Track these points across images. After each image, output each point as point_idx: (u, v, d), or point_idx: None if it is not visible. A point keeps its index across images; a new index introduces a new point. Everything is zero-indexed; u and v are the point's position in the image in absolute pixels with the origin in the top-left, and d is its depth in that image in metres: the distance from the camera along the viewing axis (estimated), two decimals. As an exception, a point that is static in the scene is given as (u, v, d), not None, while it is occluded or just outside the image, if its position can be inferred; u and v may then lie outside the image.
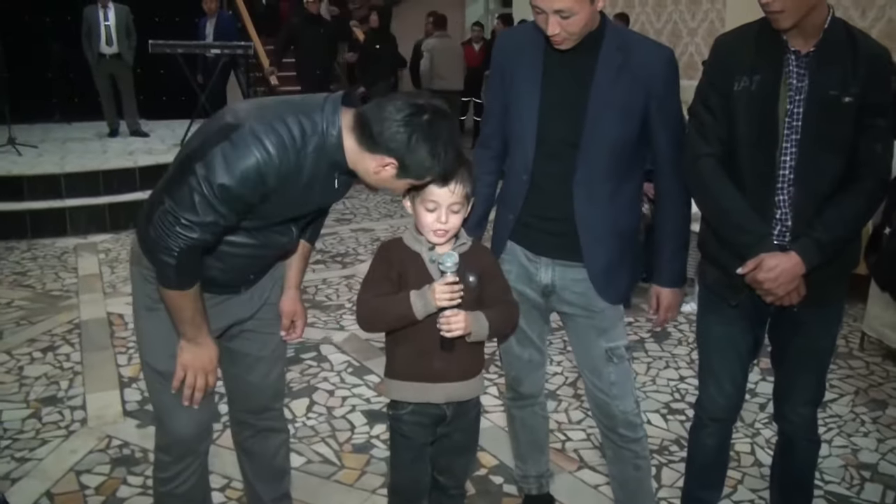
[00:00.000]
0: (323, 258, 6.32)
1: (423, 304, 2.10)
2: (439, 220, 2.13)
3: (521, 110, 2.38)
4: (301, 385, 4.03)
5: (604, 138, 2.29)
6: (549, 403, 3.75)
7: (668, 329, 4.78)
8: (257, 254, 2.18)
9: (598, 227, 2.35)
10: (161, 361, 2.21)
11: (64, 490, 3.10)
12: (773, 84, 2.16)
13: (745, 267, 2.17)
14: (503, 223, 2.50)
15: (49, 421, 3.65)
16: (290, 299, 2.42)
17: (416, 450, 2.29)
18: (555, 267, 2.44)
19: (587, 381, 2.54)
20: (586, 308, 2.44)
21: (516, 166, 2.43)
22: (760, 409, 3.71)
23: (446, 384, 2.22)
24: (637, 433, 2.53)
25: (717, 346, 2.41)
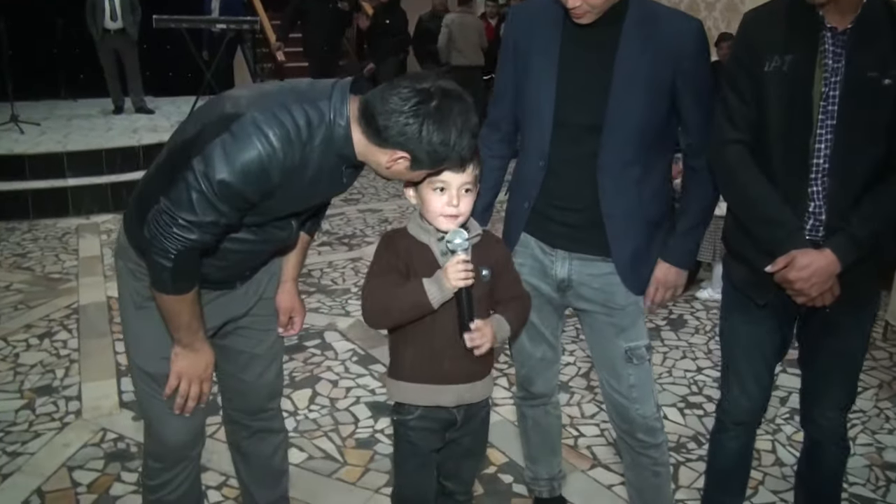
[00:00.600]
0: (329, 240, 6.18)
1: (439, 288, 1.93)
2: (450, 204, 1.94)
3: (537, 91, 2.21)
4: (304, 375, 3.90)
5: (629, 119, 2.12)
6: (560, 396, 3.62)
7: (684, 317, 4.63)
8: (255, 249, 2.03)
9: (624, 216, 2.19)
10: (151, 363, 2.07)
11: (56, 487, 2.98)
12: (806, 64, 1.98)
13: (775, 265, 2.00)
14: (517, 212, 2.33)
15: (43, 412, 3.53)
16: (287, 293, 2.27)
17: (423, 457, 2.14)
18: (572, 261, 2.28)
19: (604, 382, 2.39)
20: (605, 304, 2.28)
21: (531, 151, 2.26)
22: (782, 403, 3.55)
23: (457, 386, 2.06)
24: (657, 438, 2.38)
25: (743, 346, 2.25)
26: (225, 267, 2.02)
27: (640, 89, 2.11)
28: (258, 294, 2.19)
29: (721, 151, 2.10)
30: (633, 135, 2.13)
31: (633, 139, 2.14)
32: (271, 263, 2.21)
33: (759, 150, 2.06)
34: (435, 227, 2.00)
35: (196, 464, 2.23)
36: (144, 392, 2.11)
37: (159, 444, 2.14)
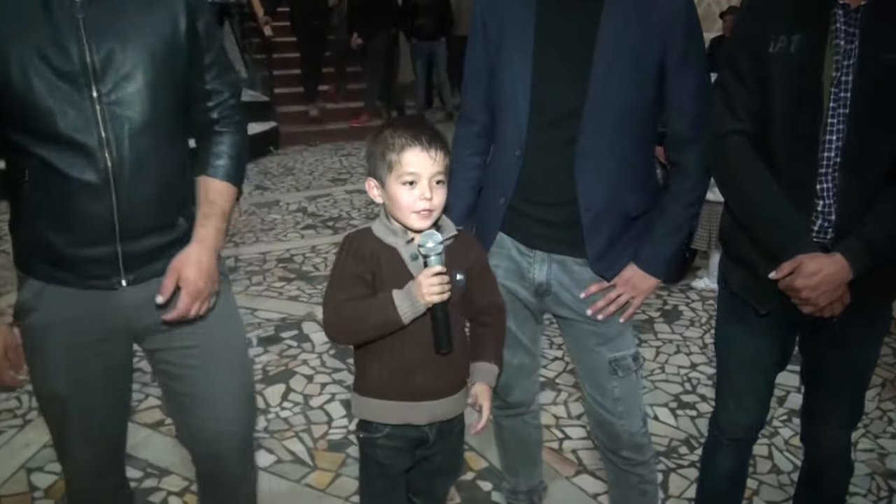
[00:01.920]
0: (314, 223, 5.97)
1: (411, 303, 1.73)
2: (423, 197, 1.74)
3: (511, 73, 1.99)
4: (278, 369, 3.72)
5: (612, 102, 1.91)
6: (546, 394, 3.46)
7: (679, 308, 4.46)
8: (62, 187, 1.67)
9: (602, 208, 1.97)
10: (33, 379, 1.85)
11: (12, 491, 2.81)
12: (816, 45, 1.78)
13: (780, 270, 1.81)
14: (492, 209, 2.11)
15: (4, 408, 3.35)
16: (181, 254, 1.79)
17: (391, 478, 1.94)
18: (551, 263, 2.07)
19: (587, 395, 2.19)
20: (584, 314, 2.07)
21: (507, 140, 2.04)
22: (779, 404, 3.35)
23: (431, 402, 1.86)
24: (644, 455, 2.19)
25: (740, 359, 2.06)
26: (59, 226, 1.70)
27: (625, 69, 1.90)
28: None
29: (720, 143, 1.90)
30: (616, 119, 1.93)
31: (615, 124, 1.93)
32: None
33: (762, 141, 1.85)
34: (405, 225, 1.79)
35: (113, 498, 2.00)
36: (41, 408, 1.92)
37: (63, 471, 1.96)
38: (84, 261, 1.71)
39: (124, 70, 1.65)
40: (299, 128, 9.06)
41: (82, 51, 1.62)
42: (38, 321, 1.76)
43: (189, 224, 1.82)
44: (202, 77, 1.82)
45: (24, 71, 1.60)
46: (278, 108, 9.15)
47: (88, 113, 1.63)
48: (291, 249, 5.37)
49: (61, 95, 1.62)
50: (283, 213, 6.28)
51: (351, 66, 9.91)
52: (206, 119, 1.86)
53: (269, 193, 6.94)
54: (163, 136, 1.73)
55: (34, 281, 1.76)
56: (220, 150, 1.87)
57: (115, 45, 1.64)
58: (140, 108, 1.68)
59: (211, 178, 1.86)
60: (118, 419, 1.96)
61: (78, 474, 1.90)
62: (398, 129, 1.78)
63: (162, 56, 1.70)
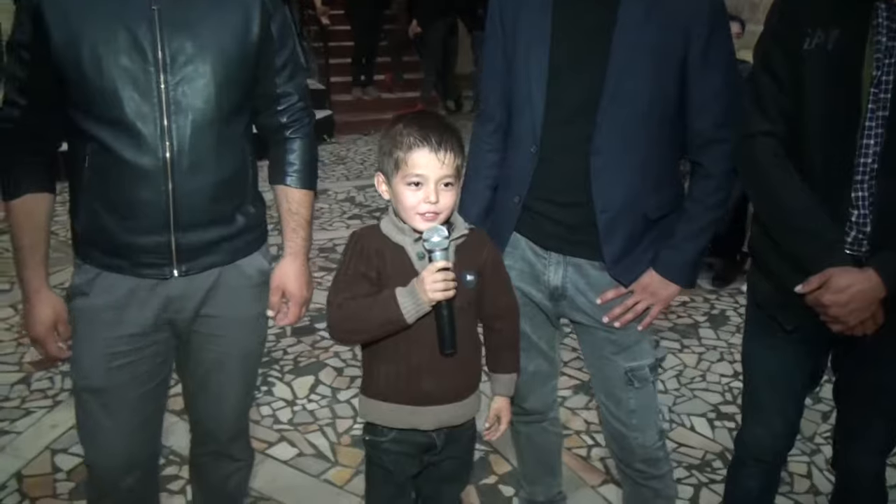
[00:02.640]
0: (360, 213, 5.93)
1: (414, 302, 1.66)
2: (427, 200, 1.68)
3: (527, 68, 1.91)
4: (309, 360, 3.70)
5: (630, 97, 1.82)
6: (578, 398, 3.37)
7: (727, 313, 4.30)
8: (120, 172, 1.69)
9: (616, 207, 1.88)
10: (73, 368, 1.85)
11: (36, 472, 2.84)
12: (855, 42, 1.65)
13: (808, 284, 1.68)
14: (507, 208, 2.03)
15: (38, 388, 3.40)
16: (279, 270, 1.95)
17: (397, 485, 1.88)
18: (567, 266, 1.98)
19: (602, 405, 2.10)
20: (601, 321, 1.98)
21: (522, 136, 1.96)
22: (823, 419, 3.20)
23: (437, 407, 1.79)
24: (660, 469, 2.09)
25: (766, 375, 1.94)
26: (114, 210, 1.72)
27: (643, 64, 1.81)
28: (207, 287, 1.85)
29: (748, 145, 1.78)
30: (633, 117, 1.84)
31: (632, 122, 1.84)
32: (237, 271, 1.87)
33: (794, 144, 1.73)
34: (411, 225, 1.73)
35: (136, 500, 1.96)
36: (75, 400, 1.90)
37: (87, 463, 1.92)
38: (138, 249, 1.73)
39: (193, 64, 1.68)
40: (354, 117, 9.05)
41: (154, 42, 1.65)
42: (87, 306, 1.78)
43: (247, 221, 1.85)
44: (273, 79, 1.84)
45: (94, 54, 1.63)
46: (333, 96, 9.16)
47: (154, 102, 1.66)
48: (335, 239, 5.35)
49: (130, 83, 1.64)
50: (331, 202, 6.26)
51: (408, 55, 9.87)
52: (277, 123, 1.90)
53: (319, 182, 6.84)
54: (225, 133, 1.75)
55: (89, 267, 1.78)
56: (293, 158, 1.92)
57: (187, 39, 1.67)
58: (204, 103, 1.70)
59: (289, 188, 1.92)
60: (156, 412, 1.96)
61: (107, 466, 1.88)
62: (409, 125, 1.72)
63: (232, 54, 1.72)
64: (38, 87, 1.68)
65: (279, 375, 3.55)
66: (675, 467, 2.90)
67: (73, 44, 1.63)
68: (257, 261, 1.92)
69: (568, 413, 3.26)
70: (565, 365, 3.64)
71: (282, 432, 3.10)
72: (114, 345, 1.78)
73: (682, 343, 3.91)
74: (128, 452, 1.88)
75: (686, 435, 3.13)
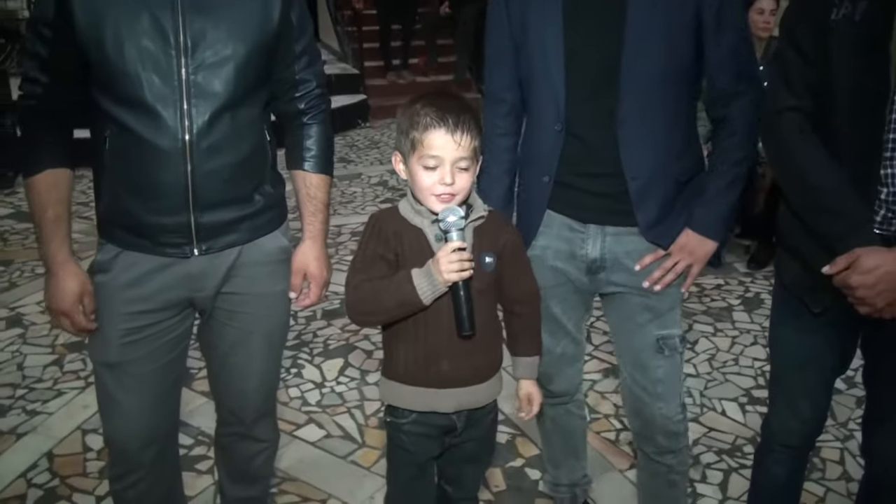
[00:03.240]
0: (393, 196, 5.95)
1: (430, 283, 1.65)
2: (443, 182, 1.67)
3: (541, 45, 1.89)
4: (339, 343, 3.71)
5: (648, 69, 1.83)
6: (606, 382, 3.34)
7: (761, 296, 4.22)
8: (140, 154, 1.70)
9: (650, 176, 1.89)
10: (89, 344, 1.89)
11: (66, 451, 2.89)
12: (884, 12, 1.57)
13: (834, 265, 1.62)
14: (536, 189, 2.02)
15: (70, 370, 3.46)
16: (299, 253, 1.97)
17: (418, 466, 1.88)
18: (605, 236, 1.98)
19: (626, 374, 2.10)
20: (638, 287, 1.99)
21: (544, 116, 1.95)
22: (858, 405, 3.13)
23: (457, 389, 1.79)
24: (678, 443, 2.10)
25: (794, 359, 1.89)
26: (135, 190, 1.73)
27: (660, 28, 1.81)
28: (227, 267, 1.86)
29: (775, 121, 1.74)
30: (654, 83, 1.84)
31: (653, 88, 1.84)
32: (257, 249, 1.88)
33: (821, 120, 1.68)
34: (428, 207, 1.72)
35: (155, 475, 1.97)
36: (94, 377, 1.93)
37: (106, 439, 1.95)
38: (160, 228, 1.75)
39: (214, 48, 1.69)
40: (388, 101, 9.03)
41: (176, 26, 1.66)
42: (107, 282, 1.81)
43: (266, 201, 1.86)
44: (292, 66, 1.86)
45: (117, 36, 1.64)
46: (367, 81, 9.15)
47: (174, 85, 1.67)
48: (364, 222, 5.34)
49: (150, 65, 1.65)
50: (364, 187, 6.27)
51: (443, 38, 9.81)
52: (295, 109, 1.92)
53: (353, 166, 6.94)
54: (243, 116, 1.76)
55: (112, 246, 1.80)
56: (310, 144, 1.94)
57: (208, 24, 1.68)
58: (224, 87, 1.71)
59: (307, 173, 1.94)
60: (173, 388, 1.98)
61: (124, 441, 1.90)
62: (427, 105, 1.71)
63: (253, 39, 1.73)
64: (60, 65, 1.69)
65: (308, 358, 3.57)
66: (705, 452, 2.87)
67: (96, 24, 1.64)
68: (277, 239, 1.93)
69: (597, 397, 3.24)
70: (595, 349, 3.61)
71: (310, 414, 3.11)
72: (130, 320, 1.81)
73: (715, 327, 3.85)
74: (146, 427, 1.90)
75: (717, 419, 3.08)
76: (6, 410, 3.12)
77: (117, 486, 1.97)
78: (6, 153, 6.19)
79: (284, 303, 2.00)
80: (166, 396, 1.95)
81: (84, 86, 1.72)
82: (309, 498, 2.62)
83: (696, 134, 2.03)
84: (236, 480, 2.19)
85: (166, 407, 1.96)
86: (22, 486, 2.67)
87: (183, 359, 1.98)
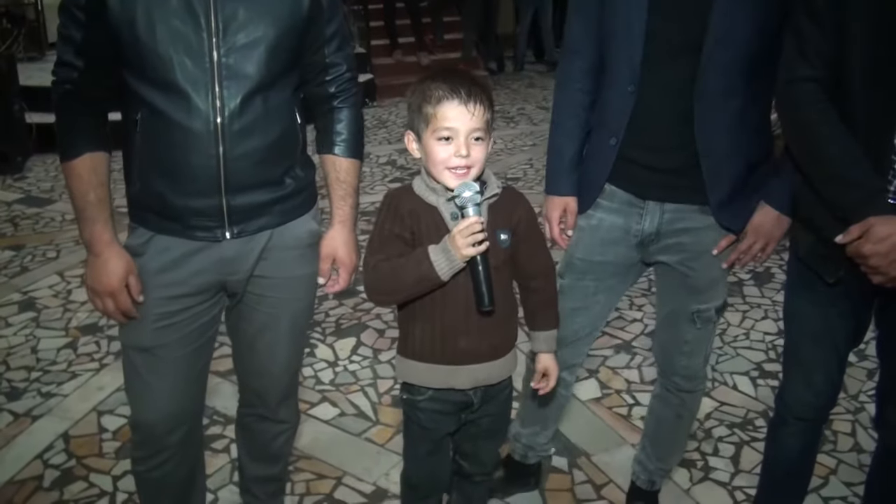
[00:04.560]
0: (401, 176, 5.94)
1: (447, 259, 1.66)
2: (458, 153, 1.68)
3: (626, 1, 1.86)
4: (351, 322, 3.72)
5: (736, 41, 1.79)
6: (620, 357, 3.35)
7: (772, 270, 4.21)
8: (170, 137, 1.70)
9: (724, 155, 1.87)
10: (120, 328, 1.89)
11: (82, 432, 2.91)
12: None
13: (848, 234, 1.62)
14: (602, 152, 1.98)
15: (84, 352, 3.47)
16: (328, 238, 1.97)
17: (434, 442, 1.90)
18: (664, 213, 1.97)
19: (660, 329, 2.20)
20: (688, 263, 2.01)
21: (618, 74, 1.92)
22: (869, 377, 3.14)
23: (474, 366, 1.80)
24: (694, 385, 2.21)
25: (808, 331, 1.89)
26: (168, 172, 1.72)
27: (749, 6, 1.77)
28: (258, 252, 1.87)
29: (789, 91, 1.72)
30: (738, 57, 1.81)
31: (737, 63, 1.81)
32: (288, 232, 1.88)
33: (836, 90, 1.67)
34: (443, 183, 1.72)
35: (181, 455, 1.99)
36: (123, 360, 1.93)
37: (132, 417, 1.96)
38: (191, 212, 1.75)
39: (245, 31, 1.68)
40: (395, 79, 9.00)
41: (207, 8, 1.66)
42: (142, 266, 1.80)
43: (296, 184, 1.86)
44: (322, 49, 1.85)
45: (149, 17, 1.64)
46: (374, 60, 9.11)
47: (206, 67, 1.66)
48: (376, 203, 5.27)
49: (182, 47, 1.65)
50: (372, 166, 6.26)
51: (449, 15, 9.76)
52: (325, 93, 1.91)
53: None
54: (274, 99, 1.76)
55: (143, 230, 1.81)
56: (341, 128, 1.93)
57: (240, 6, 1.67)
58: (256, 69, 1.70)
59: (337, 157, 1.93)
60: (203, 370, 1.99)
61: (155, 423, 1.91)
62: (437, 80, 1.72)
63: (284, 22, 1.72)
64: (93, 48, 1.68)
65: (321, 337, 3.58)
66: (717, 426, 2.89)
67: (128, 6, 1.63)
68: (308, 222, 1.93)
69: (609, 372, 3.25)
70: (607, 324, 3.60)
71: (324, 393, 3.13)
72: (164, 305, 1.81)
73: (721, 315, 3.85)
74: (176, 409, 1.91)
75: (728, 393, 3.09)
76: (21, 393, 3.14)
77: (141, 467, 1.99)
78: (15, 138, 6.22)
79: (312, 286, 2.00)
80: (196, 379, 1.96)
81: (117, 69, 1.71)
82: (325, 475, 2.64)
83: (769, 115, 1.98)
84: (256, 459, 2.21)
85: (195, 389, 1.97)
86: (38, 467, 2.70)
87: (213, 342, 1.99)
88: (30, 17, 8.08)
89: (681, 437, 2.38)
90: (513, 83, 9.76)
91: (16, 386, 3.19)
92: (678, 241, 1.98)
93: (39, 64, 7.55)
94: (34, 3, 8.08)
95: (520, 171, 6.01)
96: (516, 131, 7.46)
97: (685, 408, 2.25)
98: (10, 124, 6.17)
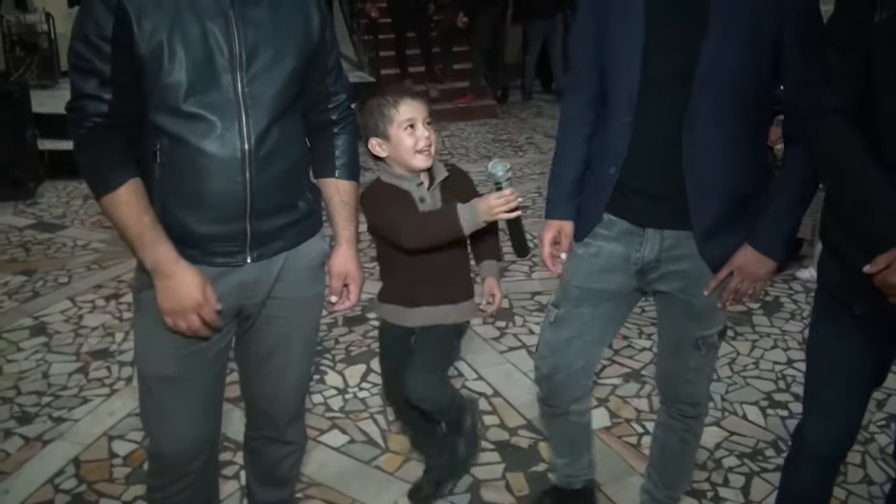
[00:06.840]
0: (410, 203, 5.96)
1: (471, 216, 2.14)
2: (423, 136, 2.20)
3: (623, 31, 1.89)
4: (360, 350, 3.73)
5: (724, 71, 1.81)
6: (627, 387, 3.35)
7: (780, 299, 4.23)
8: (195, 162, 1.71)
9: (710, 185, 1.89)
10: (141, 359, 1.91)
11: (93, 457, 2.91)
12: None
13: (875, 264, 1.59)
14: (602, 181, 2.01)
15: (95, 377, 3.48)
16: (339, 257, 2.02)
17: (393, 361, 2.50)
18: (663, 241, 1.99)
19: (662, 357, 2.21)
20: (687, 290, 2.02)
21: (616, 105, 1.96)
22: (878, 408, 3.13)
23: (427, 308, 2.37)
24: (697, 411, 2.24)
25: (830, 366, 1.86)
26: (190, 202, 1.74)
27: (742, 38, 1.80)
28: (273, 277, 1.90)
29: (818, 123, 1.71)
30: (729, 92, 1.83)
31: (727, 94, 1.83)
32: (300, 254, 1.92)
33: (863, 122, 1.66)
34: (409, 168, 2.23)
35: (200, 479, 2.00)
36: (140, 386, 1.94)
37: (152, 448, 1.98)
38: (213, 238, 1.77)
39: (268, 61, 1.74)
40: (404, 108, 9.03)
41: (230, 38, 1.70)
42: None
43: (307, 207, 1.92)
44: (325, 79, 1.93)
45: (173, 48, 1.67)
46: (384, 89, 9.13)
47: (231, 96, 1.71)
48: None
49: (207, 78, 1.69)
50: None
51: (458, 45, 9.83)
52: (327, 119, 1.99)
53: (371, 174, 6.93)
54: (290, 125, 1.83)
55: None
56: (341, 152, 2.01)
57: (260, 37, 1.73)
58: (277, 98, 1.77)
59: (339, 180, 2.01)
60: (220, 395, 2.02)
61: (177, 452, 1.92)
62: (383, 94, 2.24)
63: (298, 53, 1.80)
64: (121, 80, 1.67)
65: (331, 364, 3.59)
66: (727, 455, 2.88)
67: (155, 38, 1.65)
68: (318, 243, 1.98)
69: (619, 401, 3.24)
70: (616, 353, 3.62)
71: (333, 420, 3.14)
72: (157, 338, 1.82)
73: (735, 331, 3.85)
74: (199, 436, 1.94)
75: (738, 423, 3.09)
76: (32, 418, 3.15)
77: (159, 494, 1.99)
78: (28, 164, 6.27)
79: (320, 305, 2.05)
80: (215, 405, 1.99)
81: (141, 98, 1.71)
82: (334, 503, 2.64)
83: (765, 149, 2.01)
84: (265, 484, 2.22)
85: (215, 415, 2.00)
86: (49, 492, 2.70)
87: (226, 367, 2.01)
88: (42, 45, 8.18)
89: (687, 462, 2.40)
90: (521, 112, 9.81)
91: (27, 410, 3.20)
92: (679, 268, 1.99)
93: (52, 91, 7.64)
94: (47, 31, 8.18)
95: (528, 199, 6.02)
96: (524, 160, 7.49)
97: (690, 433, 2.29)
98: (22, 151, 6.23)
